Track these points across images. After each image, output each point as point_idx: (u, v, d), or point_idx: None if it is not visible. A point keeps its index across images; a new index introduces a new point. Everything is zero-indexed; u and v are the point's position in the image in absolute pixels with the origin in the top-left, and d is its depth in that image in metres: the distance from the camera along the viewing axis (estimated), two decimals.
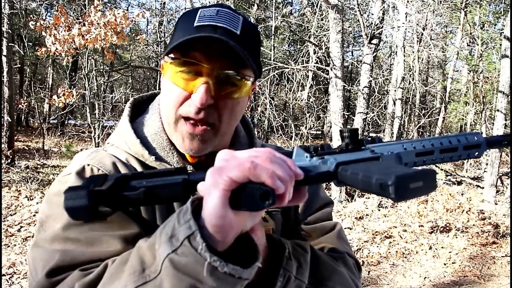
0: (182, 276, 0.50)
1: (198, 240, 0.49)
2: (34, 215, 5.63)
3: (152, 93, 0.92)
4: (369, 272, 4.48)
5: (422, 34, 10.66)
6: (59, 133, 14.69)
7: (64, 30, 6.52)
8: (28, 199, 6.34)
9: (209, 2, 13.29)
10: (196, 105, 0.71)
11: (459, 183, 9.45)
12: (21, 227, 5.23)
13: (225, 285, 0.50)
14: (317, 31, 10.38)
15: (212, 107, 0.73)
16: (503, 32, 9.46)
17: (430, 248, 5.27)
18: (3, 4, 8.60)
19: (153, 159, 0.77)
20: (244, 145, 0.88)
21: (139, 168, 0.78)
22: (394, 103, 9.70)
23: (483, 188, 8.09)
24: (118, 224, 0.67)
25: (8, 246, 4.63)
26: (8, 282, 3.83)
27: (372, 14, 9.50)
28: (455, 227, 5.96)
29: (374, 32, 7.70)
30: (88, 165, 0.74)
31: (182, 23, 0.76)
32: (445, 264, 4.82)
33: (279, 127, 9.88)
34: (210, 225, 0.50)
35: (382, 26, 8.16)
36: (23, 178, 7.41)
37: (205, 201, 0.51)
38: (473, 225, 6.19)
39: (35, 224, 5.26)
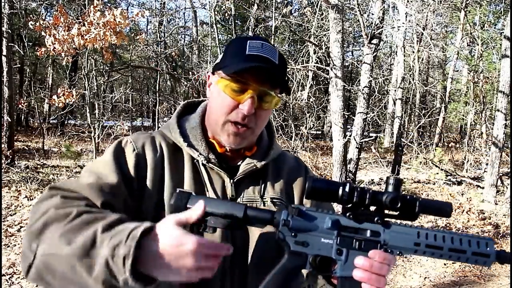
0: (107, 272, 0.71)
1: (128, 264, 0.69)
2: None
3: (202, 99, 1.18)
4: None
5: (422, 34, 10.65)
6: (59, 133, 14.68)
7: (64, 30, 6.50)
8: (28, 199, 6.33)
9: (209, 3, 13.28)
10: (244, 113, 0.96)
11: (459, 183, 9.45)
12: (21, 227, 5.23)
13: None
14: (317, 31, 10.37)
15: (253, 115, 0.97)
16: (503, 32, 9.45)
17: None
18: (3, 4, 8.60)
19: (186, 145, 1.02)
20: (264, 148, 1.11)
21: (166, 150, 1.02)
22: (394, 103, 9.71)
23: (483, 188, 8.09)
24: (107, 172, 0.93)
25: (8, 246, 4.63)
26: (8, 282, 3.82)
27: (372, 14, 9.49)
28: (455, 227, 5.96)
29: (374, 32, 7.69)
30: (128, 139, 1.02)
31: (234, 49, 1.00)
32: (445, 264, 4.82)
33: (279, 127, 9.87)
34: (153, 267, 0.72)
35: (382, 26, 8.15)
36: (23, 178, 7.40)
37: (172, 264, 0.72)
38: (473, 225, 6.19)
39: None
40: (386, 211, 0.82)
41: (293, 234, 0.82)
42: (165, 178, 0.98)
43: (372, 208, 0.82)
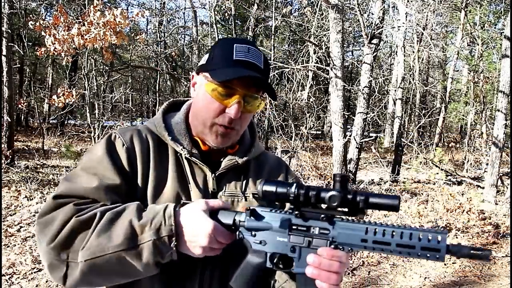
0: (156, 253, 0.84)
1: (173, 242, 0.85)
2: (34, 215, 5.62)
3: (187, 98, 1.22)
4: (369, 272, 4.47)
5: (422, 34, 10.65)
6: (58, 133, 14.67)
7: (64, 30, 6.50)
8: (27, 199, 6.33)
9: (209, 3, 13.27)
10: (231, 117, 0.99)
11: (460, 183, 9.45)
12: (21, 227, 5.22)
13: (167, 260, 0.87)
14: (317, 31, 10.37)
15: (238, 118, 1.01)
16: (503, 32, 9.45)
17: None
18: (3, 4, 8.59)
19: (170, 139, 1.05)
20: (246, 146, 1.15)
21: (151, 142, 1.05)
22: (394, 103, 9.71)
23: (483, 188, 8.09)
24: (107, 173, 0.96)
25: (8, 246, 4.62)
26: (8, 282, 3.82)
27: (372, 14, 9.49)
28: (456, 227, 5.95)
29: (374, 32, 7.69)
30: (115, 133, 1.05)
31: (220, 52, 1.02)
32: (445, 264, 4.81)
33: (279, 127, 9.86)
34: (190, 249, 0.89)
35: (382, 26, 8.15)
36: (23, 178, 7.40)
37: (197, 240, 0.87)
38: (474, 225, 6.18)
39: (35, 224, 5.26)
40: (339, 209, 0.82)
41: (252, 233, 0.89)
42: (150, 170, 1.02)
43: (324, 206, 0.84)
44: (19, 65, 17.30)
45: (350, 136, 7.74)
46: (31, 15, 12.43)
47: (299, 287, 0.86)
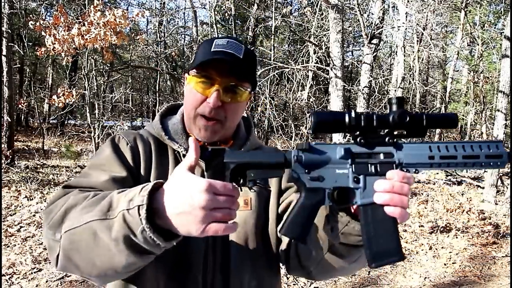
0: (125, 226, 0.74)
1: (143, 212, 0.72)
2: (34, 215, 5.62)
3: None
4: (369, 272, 4.47)
5: (422, 34, 10.65)
6: (59, 133, 14.68)
7: (64, 30, 6.50)
8: (28, 199, 6.33)
9: (209, 3, 13.27)
10: (210, 106, 1.00)
11: (459, 183, 9.45)
12: (21, 227, 5.22)
13: (149, 245, 0.75)
14: (317, 31, 10.36)
15: (221, 108, 1.02)
16: (503, 32, 9.45)
17: (430, 248, 5.26)
18: (3, 4, 8.59)
19: (166, 138, 1.09)
20: (242, 140, 1.16)
21: (153, 144, 1.09)
22: None
23: (483, 188, 8.09)
24: (115, 168, 0.99)
25: (8, 246, 4.62)
26: (8, 282, 3.82)
27: (372, 14, 9.49)
28: (455, 227, 5.96)
29: (374, 32, 7.69)
30: (119, 135, 1.08)
31: (202, 48, 1.06)
32: (445, 264, 4.81)
33: (279, 127, 9.86)
34: (169, 216, 0.73)
35: (382, 26, 8.15)
36: (23, 178, 7.40)
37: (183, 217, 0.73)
38: (473, 225, 6.18)
39: (35, 224, 5.26)
40: (395, 132, 0.81)
41: (306, 170, 0.80)
42: (152, 169, 1.05)
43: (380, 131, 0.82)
44: (19, 65, 17.30)
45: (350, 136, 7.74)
46: (31, 15, 12.43)
47: (365, 221, 0.79)
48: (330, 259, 0.94)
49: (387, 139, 0.80)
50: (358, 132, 0.80)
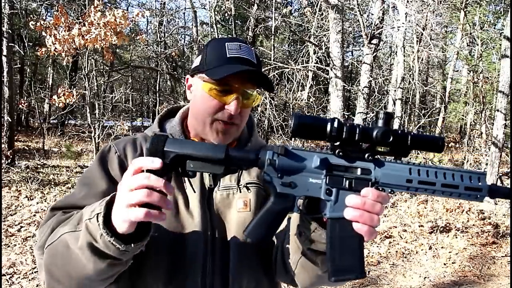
0: (87, 234, 0.79)
1: (100, 218, 0.77)
2: (34, 215, 5.63)
3: (184, 105, 1.25)
4: (369, 272, 4.48)
5: (422, 34, 10.65)
6: (59, 133, 14.68)
7: (64, 30, 6.51)
8: (28, 199, 6.34)
9: (209, 3, 13.28)
10: (231, 113, 1.00)
11: None
12: (21, 227, 5.23)
13: (110, 249, 0.78)
14: (317, 31, 10.37)
15: (238, 114, 1.02)
16: (503, 32, 9.46)
17: (430, 248, 5.27)
18: (3, 4, 8.60)
19: None
20: (244, 140, 1.16)
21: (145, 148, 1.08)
22: (394, 103, 9.71)
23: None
24: (97, 181, 1.01)
25: (8, 246, 4.63)
26: (8, 282, 3.83)
27: (372, 14, 9.50)
28: (455, 227, 5.96)
29: (374, 32, 7.70)
30: (110, 144, 1.09)
31: (212, 52, 1.04)
32: (445, 264, 4.82)
33: (279, 127, 9.86)
34: (114, 218, 0.77)
35: (382, 26, 8.16)
36: (23, 178, 7.41)
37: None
38: (473, 225, 6.19)
39: (35, 224, 5.27)
40: (377, 148, 0.78)
41: (279, 175, 0.77)
42: None
43: (363, 145, 0.79)
44: (20, 65, 17.31)
45: None
46: (31, 15, 12.44)
47: (331, 234, 0.78)
48: (305, 264, 0.93)
49: (366, 155, 0.78)
50: (338, 143, 0.77)
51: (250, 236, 0.80)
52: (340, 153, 0.78)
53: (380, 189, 0.78)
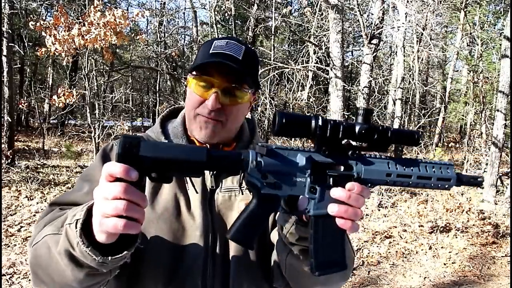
0: (66, 240, 0.76)
1: (79, 225, 0.74)
2: (34, 215, 5.63)
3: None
4: (369, 272, 4.48)
5: (422, 34, 10.65)
6: (59, 133, 14.68)
7: (64, 30, 6.51)
8: (28, 199, 6.34)
9: (209, 3, 13.28)
10: (208, 108, 0.99)
11: None
12: (21, 227, 5.23)
13: (87, 259, 0.74)
14: (317, 31, 10.37)
15: (221, 110, 1.00)
16: (503, 32, 9.46)
17: (430, 248, 5.27)
18: (3, 4, 8.60)
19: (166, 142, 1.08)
20: (245, 143, 1.14)
21: None
22: (394, 103, 9.71)
23: (483, 188, 8.09)
24: (98, 178, 0.90)
25: (8, 246, 4.63)
26: (8, 282, 3.83)
27: (372, 14, 9.50)
28: (455, 227, 5.96)
29: (374, 32, 7.70)
30: (112, 143, 1.10)
31: (202, 50, 1.05)
32: (445, 264, 4.82)
33: None
34: (93, 226, 0.72)
35: (382, 26, 8.16)
36: (23, 178, 7.41)
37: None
38: (473, 225, 6.19)
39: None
40: (358, 144, 0.80)
41: (263, 175, 0.75)
42: None
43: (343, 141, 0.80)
44: (20, 65, 17.32)
45: None
46: (31, 15, 12.44)
47: (315, 231, 0.78)
48: (293, 262, 0.92)
49: (350, 152, 0.80)
50: (323, 141, 0.77)
51: (234, 238, 0.77)
52: (326, 152, 0.78)
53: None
